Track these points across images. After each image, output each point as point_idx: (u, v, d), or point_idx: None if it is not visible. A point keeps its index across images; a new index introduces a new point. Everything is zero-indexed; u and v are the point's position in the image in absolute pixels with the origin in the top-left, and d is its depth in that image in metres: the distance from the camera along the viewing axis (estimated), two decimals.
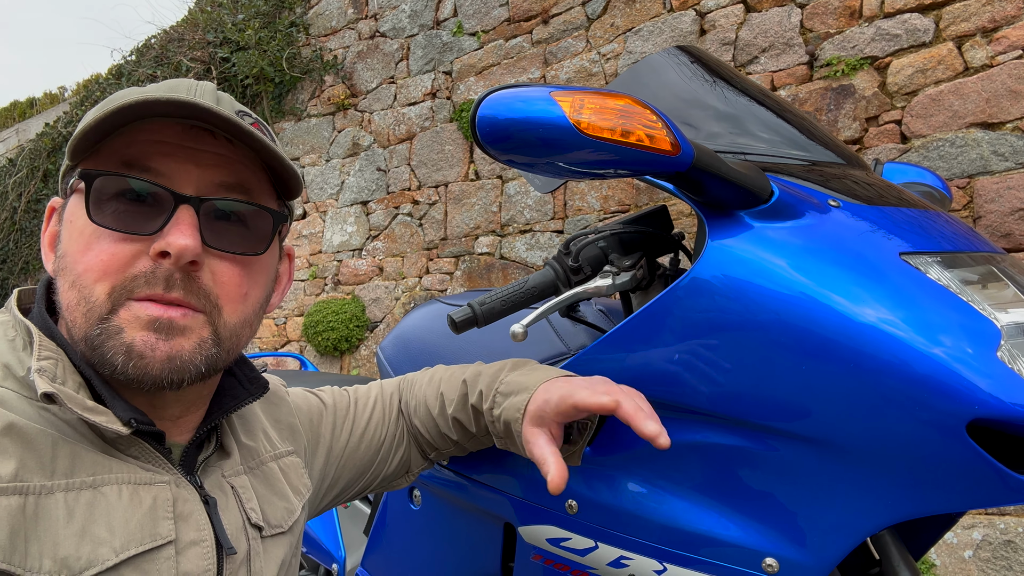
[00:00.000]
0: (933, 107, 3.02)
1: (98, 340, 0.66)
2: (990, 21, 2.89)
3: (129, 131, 0.69)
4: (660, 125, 0.75)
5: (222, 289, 0.71)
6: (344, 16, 5.71)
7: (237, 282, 0.72)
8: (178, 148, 0.69)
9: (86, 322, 0.66)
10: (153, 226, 0.67)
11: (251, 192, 0.74)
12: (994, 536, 2.68)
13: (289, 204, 0.83)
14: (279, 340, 5.88)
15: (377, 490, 1.11)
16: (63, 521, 0.61)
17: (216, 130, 0.71)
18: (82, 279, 0.67)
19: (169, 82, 0.72)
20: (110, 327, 0.66)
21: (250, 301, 0.75)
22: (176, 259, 0.66)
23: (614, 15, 4.11)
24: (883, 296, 0.77)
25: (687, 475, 0.90)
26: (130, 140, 0.69)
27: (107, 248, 0.67)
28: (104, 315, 0.66)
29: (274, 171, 0.77)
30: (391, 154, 5.26)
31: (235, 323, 0.73)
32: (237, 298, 0.73)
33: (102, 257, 0.67)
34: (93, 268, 0.67)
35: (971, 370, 0.71)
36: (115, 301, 0.66)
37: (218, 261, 0.71)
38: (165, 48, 6.67)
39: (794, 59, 3.43)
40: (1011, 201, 2.81)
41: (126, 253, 0.67)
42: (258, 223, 0.75)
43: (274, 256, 0.81)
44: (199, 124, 0.70)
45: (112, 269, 0.66)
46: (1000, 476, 0.71)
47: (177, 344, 0.67)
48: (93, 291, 0.66)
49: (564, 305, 0.99)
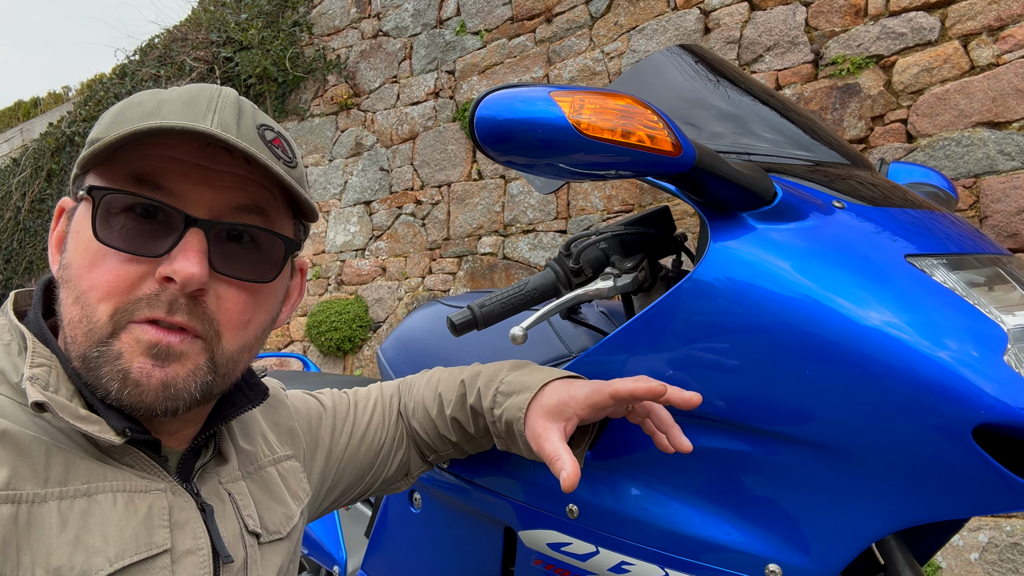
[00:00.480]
0: (939, 106, 3.00)
1: (96, 363, 0.65)
2: (996, 20, 2.87)
3: (142, 143, 0.66)
4: (661, 125, 0.74)
5: (224, 315, 0.69)
6: (347, 15, 5.71)
7: (241, 309, 0.71)
8: (192, 167, 0.67)
9: (86, 341, 0.65)
10: (161, 248, 0.65)
11: (267, 214, 0.72)
12: (1000, 539, 2.67)
13: (306, 224, 0.81)
14: (283, 340, 5.88)
15: (377, 493, 1.10)
16: (56, 530, 0.60)
17: (235, 148, 0.68)
18: (86, 297, 0.65)
19: (191, 90, 0.69)
20: (109, 351, 0.64)
21: (251, 328, 0.73)
22: (182, 287, 0.65)
23: (618, 13, 4.09)
24: (888, 299, 0.76)
25: (689, 480, 0.89)
26: (143, 154, 0.66)
27: (112, 268, 0.65)
28: (105, 338, 0.65)
29: (291, 191, 0.74)
30: (394, 154, 5.26)
31: (233, 350, 0.71)
32: (238, 325, 0.71)
33: (107, 277, 0.65)
34: (97, 287, 0.65)
35: (977, 374, 0.70)
36: (117, 324, 0.65)
37: (225, 286, 0.69)
38: (169, 48, 6.68)
39: (799, 58, 3.41)
40: (1018, 201, 2.79)
41: (131, 274, 0.65)
42: (270, 249, 0.72)
43: (284, 280, 0.79)
44: (218, 142, 0.68)
45: (117, 291, 0.65)
46: (1006, 482, 0.70)
47: (172, 371, 0.66)
48: (96, 311, 0.65)
49: (565, 307, 0.98)
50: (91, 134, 0.68)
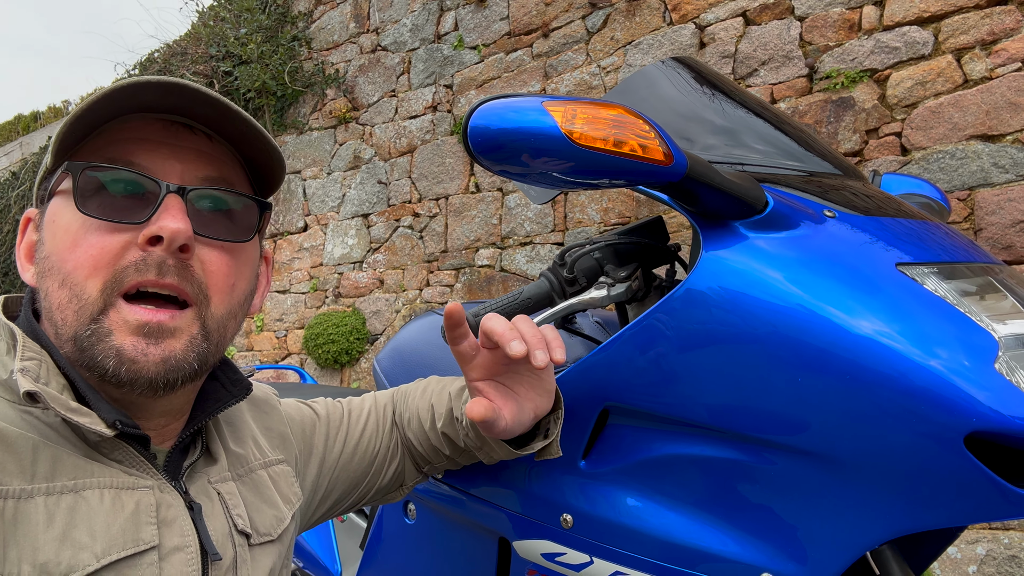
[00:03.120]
0: (933, 119, 3.01)
1: (88, 342, 0.65)
2: (989, 34, 2.89)
3: (109, 130, 0.70)
4: (653, 135, 0.75)
5: (211, 279, 0.71)
6: (346, 30, 5.74)
7: (225, 272, 0.73)
8: (160, 145, 0.70)
9: (77, 320, 0.66)
10: (142, 215, 0.67)
11: (233, 186, 0.75)
12: (998, 551, 2.66)
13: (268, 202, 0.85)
14: (280, 353, 5.87)
15: (371, 503, 1.10)
16: (43, 525, 0.60)
17: (196, 125, 0.72)
18: (73, 276, 0.66)
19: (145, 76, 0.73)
20: (100, 328, 0.65)
21: (236, 292, 0.75)
22: (169, 243, 0.66)
23: (614, 28, 4.12)
24: (879, 307, 0.76)
25: (684, 489, 0.89)
26: (111, 139, 0.70)
27: (96, 241, 0.66)
28: (96, 314, 0.65)
29: (252, 165, 0.78)
30: (392, 167, 5.27)
31: (222, 315, 0.73)
32: (225, 288, 0.73)
33: (91, 252, 0.66)
34: (83, 264, 0.66)
35: (969, 382, 0.70)
36: (107, 299, 0.66)
37: (207, 250, 0.72)
38: (168, 62, 6.71)
39: (794, 72, 3.43)
40: (1012, 213, 2.80)
41: (115, 244, 0.66)
42: (243, 212, 0.75)
43: (257, 249, 0.81)
44: (179, 120, 0.71)
45: (103, 263, 0.66)
46: (999, 490, 0.70)
47: (169, 346, 0.67)
48: (85, 288, 0.66)
49: (559, 316, 0.98)
50: (57, 130, 0.70)
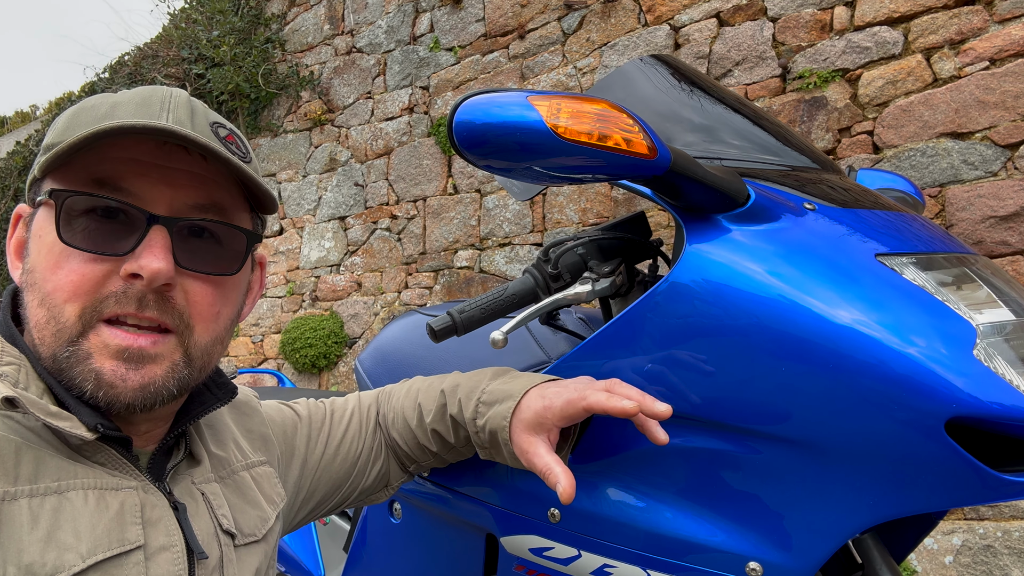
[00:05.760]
0: (904, 118, 3.07)
1: (67, 363, 0.65)
2: (957, 33, 2.95)
3: (100, 146, 0.67)
4: (637, 129, 0.75)
5: (194, 309, 0.70)
6: (320, 32, 5.71)
7: (209, 302, 0.72)
8: (151, 167, 0.68)
9: (56, 342, 0.65)
10: (125, 246, 0.66)
11: (225, 211, 0.73)
12: (974, 541, 2.70)
13: (263, 218, 0.83)
14: (256, 358, 5.81)
15: (356, 504, 1.09)
16: (27, 527, 0.59)
17: (191, 145, 0.70)
18: (51, 298, 0.65)
19: (142, 92, 0.70)
20: (79, 351, 0.65)
21: (221, 319, 0.74)
22: (148, 282, 0.65)
23: (589, 30, 4.14)
24: (860, 297, 0.77)
25: (670, 480, 0.89)
26: (101, 156, 0.67)
27: (77, 268, 0.65)
28: (74, 337, 0.65)
29: (248, 186, 0.76)
30: (369, 169, 5.25)
31: (206, 342, 0.72)
32: (209, 317, 0.72)
33: (72, 277, 0.65)
34: (63, 288, 0.65)
35: (948, 369, 0.72)
36: (85, 323, 0.65)
37: (191, 281, 0.70)
38: (139, 65, 6.61)
39: (767, 72, 3.47)
40: (982, 209, 2.86)
41: (97, 273, 0.65)
42: (231, 242, 0.74)
43: (247, 273, 0.80)
44: (173, 141, 0.69)
45: (83, 290, 0.65)
46: (979, 474, 0.72)
47: (149, 371, 0.67)
48: (63, 312, 0.65)
49: (544, 312, 0.98)
50: (46, 139, 0.69)
